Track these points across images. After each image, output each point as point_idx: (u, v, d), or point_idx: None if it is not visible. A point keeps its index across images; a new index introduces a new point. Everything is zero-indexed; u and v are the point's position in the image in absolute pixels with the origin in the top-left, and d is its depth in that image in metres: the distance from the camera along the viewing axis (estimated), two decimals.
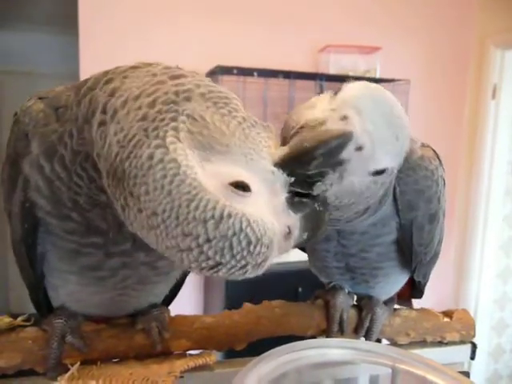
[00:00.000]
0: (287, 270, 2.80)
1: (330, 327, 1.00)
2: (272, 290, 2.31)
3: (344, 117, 0.68)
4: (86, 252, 0.75)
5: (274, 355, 0.73)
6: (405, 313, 1.07)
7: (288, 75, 2.93)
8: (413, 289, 1.14)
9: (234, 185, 0.56)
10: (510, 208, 3.65)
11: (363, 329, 1.01)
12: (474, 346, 1.09)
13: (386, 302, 1.06)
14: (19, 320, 0.86)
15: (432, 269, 1.08)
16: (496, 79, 3.39)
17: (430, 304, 1.15)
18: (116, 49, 2.72)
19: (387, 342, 1.07)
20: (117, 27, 2.81)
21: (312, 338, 0.98)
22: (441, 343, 1.08)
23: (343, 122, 0.68)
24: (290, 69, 2.93)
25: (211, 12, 2.96)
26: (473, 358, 1.10)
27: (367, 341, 1.01)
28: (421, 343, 1.07)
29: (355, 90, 0.71)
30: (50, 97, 0.70)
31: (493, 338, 3.75)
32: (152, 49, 2.77)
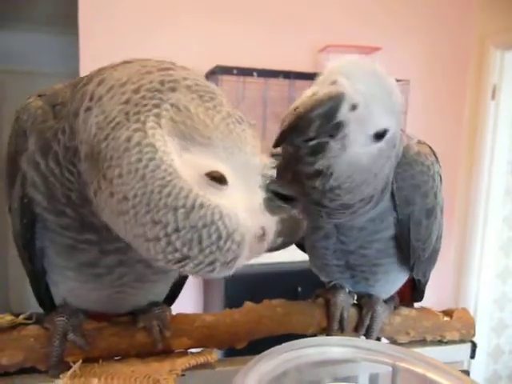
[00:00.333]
0: (287, 270, 2.81)
1: (331, 325, 1.00)
2: (271, 290, 2.31)
3: (333, 81, 0.70)
4: (82, 248, 0.75)
5: (275, 353, 0.73)
6: (405, 312, 1.07)
7: (288, 75, 2.93)
8: (414, 292, 1.15)
9: (210, 176, 0.55)
10: (510, 208, 3.66)
11: (363, 327, 1.01)
12: (474, 345, 1.10)
13: (386, 301, 1.06)
14: (21, 318, 0.87)
15: (432, 267, 1.08)
16: (496, 80, 3.39)
17: (430, 304, 1.16)
18: (116, 49, 2.72)
19: (386, 341, 1.07)
20: (117, 27, 2.81)
21: (312, 337, 0.99)
22: (441, 342, 1.08)
23: (333, 86, 0.69)
24: (290, 69, 2.93)
25: (211, 12, 2.96)
26: (473, 357, 1.10)
27: (367, 339, 1.02)
28: (421, 342, 1.07)
29: (342, 60, 0.74)
30: (49, 94, 0.71)
31: (492, 339, 3.75)
32: (152, 49, 2.78)
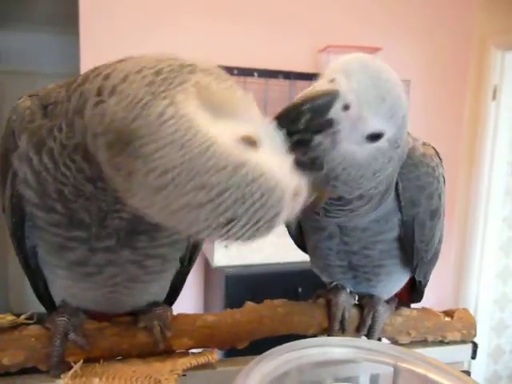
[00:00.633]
0: (287, 271, 2.81)
1: (332, 326, 1.00)
2: (272, 291, 2.31)
3: (332, 79, 0.71)
4: (71, 246, 0.76)
5: (276, 354, 0.73)
6: (406, 312, 1.07)
7: (288, 75, 2.93)
8: (412, 292, 1.15)
9: (245, 139, 0.55)
10: (510, 209, 3.65)
11: (365, 327, 1.01)
12: (475, 346, 1.10)
13: (388, 301, 1.06)
14: (22, 318, 0.87)
15: (432, 269, 1.08)
16: (496, 80, 3.39)
17: (430, 304, 1.16)
18: (116, 49, 2.72)
19: (387, 342, 1.07)
20: (117, 27, 2.81)
21: (313, 337, 0.99)
22: (442, 343, 1.08)
23: (331, 84, 0.71)
24: (291, 69, 2.93)
25: (211, 12, 2.96)
26: (474, 358, 1.10)
27: (369, 339, 1.02)
28: (422, 342, 1.07)
29: (345, 58, 0.74)
30: (41, 95, 0.72)
31: (492, 339, 3.75)
32: (152, 49, 2.71)
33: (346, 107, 0.70)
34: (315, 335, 1.01)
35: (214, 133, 0.54)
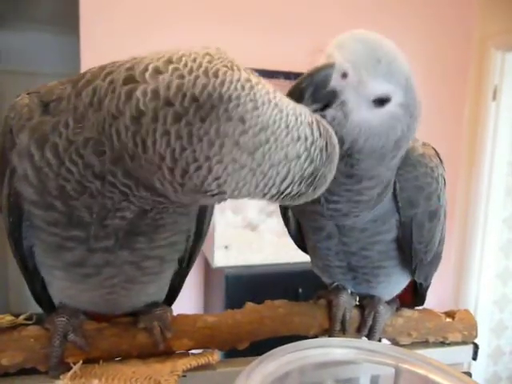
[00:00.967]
0: (288, 271, 2.81)
1: (333, 326, 1.00)
2: (272, 291, 2.31)
3: (329, 56, 0.75)
4: (69, 247, 0.75)
5: (277, 355, 0.72)
6: (407, 313, 1.07)
7: (288, 76, 2.92)
8: (415, 296, 1.14)
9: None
10: (510, 210, 3.65)
11: (366, 327, 1.01)
12: (476, 347, 1.09)
13: (389, 302, 1.05)
14: (21, 318, 0.86)
15: (434, 271, 1.08)
16: (496, 81, 3.40)
17: (430, 305, 1.15)
18: (117, 49, 2.71)
19: (388, 342, 1.07)
20: (118, 28, 2.81)
21: (314, 338, 0.98)
22: (443, 343, 1.08)
23: (328, 59, 0.75)
24: (291, 69, 2.92)
25: (211, 13, 2.96)
26: (475, 359, 1.10)
27: (370, 339, 1.01)
28: (423, 343, 1.07)
29: (339, 35, 0.78)
30: (42, 92, 0.71)
31: (492, 340, 3.75)
32: (152, 49, 2.77)
33: (344, 75, 0.73)
34: (316, 336, 1.01)
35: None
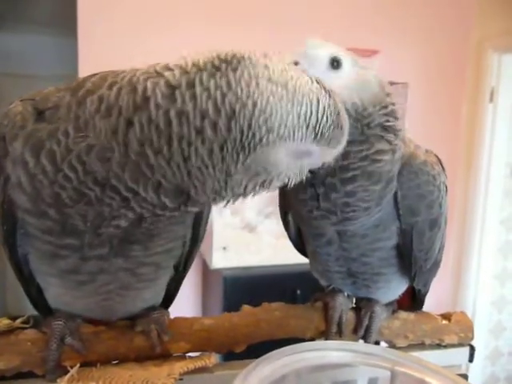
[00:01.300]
0: (285, 273, 2.81)
1: (329, 328, 1.00)
2: (270, 293, 2.31)
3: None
4: (63, 255, 0.75)
5: (273, 358, 0.73)
6: (403, 315, 1.07)
7: None
8: (413, 301, 1.14)
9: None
10: (508, 211, 3.66)
11: (362, 327, 1.01)
12: (473, 349, 1.10)
13: (386, 304, 1.06)
14: (18, 322, 0.86)
15: (433, 278, 1.08)
16: (493, 82, 3.40)
17: (428, 306, 1.16)
18: (115, 52, 2.72)
19: (386, 345, 1.07)
20: (116, 30, 2.81)
21: (311, 341, 0.98)
22: (439, 346, 1.08)
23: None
24: None
25: (210, 15, 2.96)
26: (471, 361, 1.10)
27: (366, 341, 1.02)
28: (419, 346, 1.07)
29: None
30: (37, 99, 0.71)
31: (490, 341, 3.76)
32: (151, 52, 2.74)
33: (296, 63, 0.81)
34: (313, 339, 1.01)
35: None
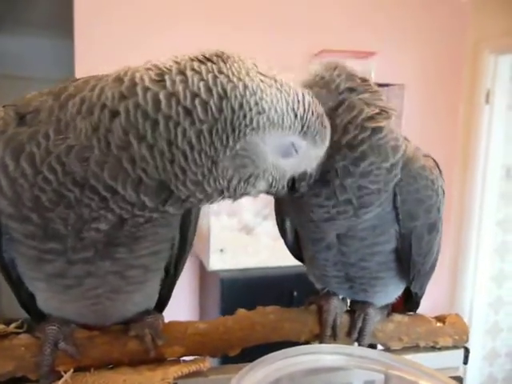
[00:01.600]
0: (283, 275, 2.81)
1: (324, 331, 1.00)
2: (267, 294, 2.31)
3: None
4: (48, 259, 0.75)
5: (268, 361, 0.73)
6: (397, 318, 1.07)
7: None
8: (406, 302, 1.14)
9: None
10: (505, 212, 3.67)
11: (356, 329, 1.01)
12: (467, 351, 1.10)
13: (380, 307, 1.06)
14: (12, 327, 0.86)
15: (428, 281, 1.08)
16: (490, 84, 3.41)
17: (425, 308, 1.16)
18: (111, 54, 2.72)
19: (382, 348, 1.07)
20: (113, 32, 2.81)
21: (305, 344, 0.98)
22: (434, 348, 1.08)
23: None
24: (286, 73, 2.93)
25: (207, 17, 2.96)
26: (466, 363, 1.10)
27: (360, 343, 1.02)
28: (414, 348, 1.07)
29: None
30: (18, 105, 0.72)
31: (488, 342, 3.76)
32: (148, 54, 2.72)
33: None
34: (307, 342, 1.01)
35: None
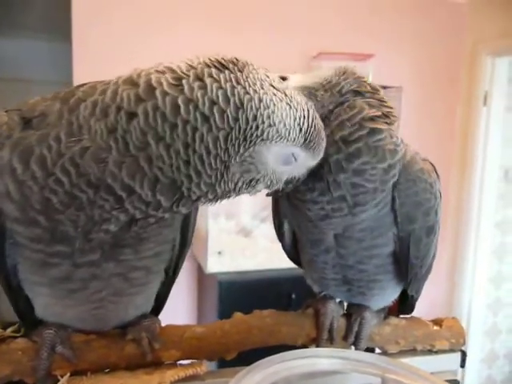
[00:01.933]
0: (281, 277, 2.81)
1: (320, 335, 1.00)
2: (265, 297, 2.31)
3: None
4: (53, 263, 0.75)
5: (264, 365, 0.73)
6: (394, 321, 1.07)
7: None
8: (402, 304, 1.15)
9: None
10: (502, 214, 3.68)
11: (352, 333, 1.01)
12: (464, 354, 1.10)
13: (377, 310, 1.06)
14: (9, 331, 0.86)
15: (424, 283, 1.09)
16: (487, 86, 3.42)
17: (423, 310, 1.16)
18: (109, 56, 2.72)
19: (379, 351, 1.07)
20: (110, 35, 2.82)
21: (302, 348, 0.99)
22: (431, 351, 1.08)
23: None
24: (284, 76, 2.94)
25: (206, 19, 2.97)
26: (463, 366, 1.10)
27: (356, 347, 1.02)
28: (411, 352, 1.07)
29: None
30: (23, 110, 0.72)
31: (486, 344, 3.77)
32: (147, 57, 2.73)
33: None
34: (304, 345, 1.01)
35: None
